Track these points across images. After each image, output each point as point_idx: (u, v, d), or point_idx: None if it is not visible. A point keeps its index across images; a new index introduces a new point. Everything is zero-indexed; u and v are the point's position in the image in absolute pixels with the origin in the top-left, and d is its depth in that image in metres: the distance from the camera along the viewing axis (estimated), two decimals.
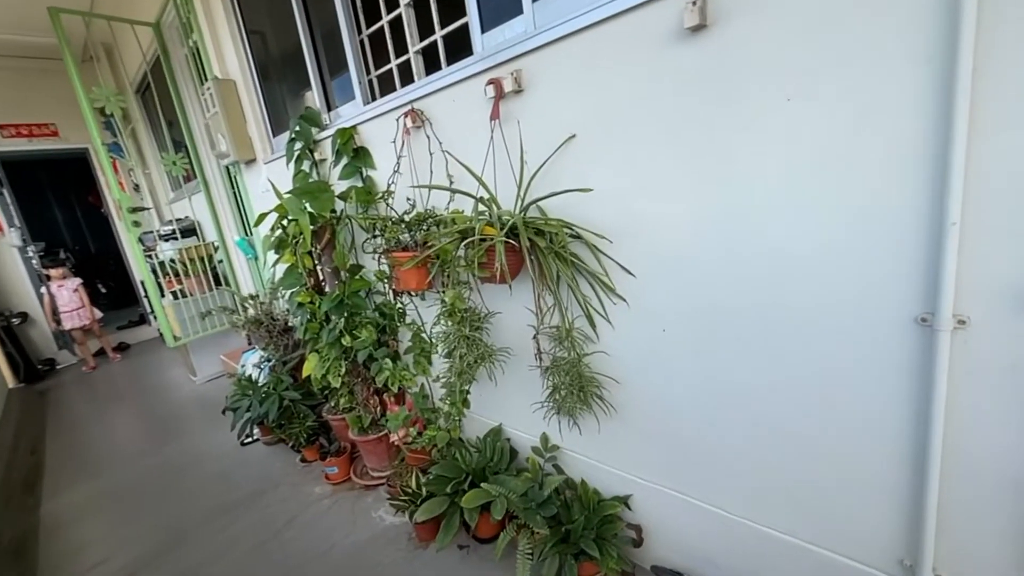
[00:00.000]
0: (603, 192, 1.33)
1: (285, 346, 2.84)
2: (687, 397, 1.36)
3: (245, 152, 3.11)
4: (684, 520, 1.49)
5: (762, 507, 1.30)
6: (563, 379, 1.48)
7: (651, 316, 1.36)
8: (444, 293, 1.49)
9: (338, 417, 2.56)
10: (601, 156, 1.33)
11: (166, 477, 2.82)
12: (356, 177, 2.24)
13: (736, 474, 1.32)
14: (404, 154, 1.88)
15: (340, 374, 2.21)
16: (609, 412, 1.51)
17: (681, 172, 1.18)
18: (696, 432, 1.37)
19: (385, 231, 1.81)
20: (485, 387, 1.97)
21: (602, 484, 1.68)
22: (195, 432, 3.37)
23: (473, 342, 1.50)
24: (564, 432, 1.71)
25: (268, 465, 2.78)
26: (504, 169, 1.55)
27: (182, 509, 2.48)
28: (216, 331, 4.12)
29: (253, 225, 2.24)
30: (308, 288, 2.35)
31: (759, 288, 1.13)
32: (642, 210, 1.29)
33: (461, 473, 1.90)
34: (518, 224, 1.29)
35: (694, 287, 1.24)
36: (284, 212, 2.23)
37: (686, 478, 1.46)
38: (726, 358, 1.24)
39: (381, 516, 2.19)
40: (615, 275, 1.40)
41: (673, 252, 1.26)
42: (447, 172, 1.75)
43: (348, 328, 2.17)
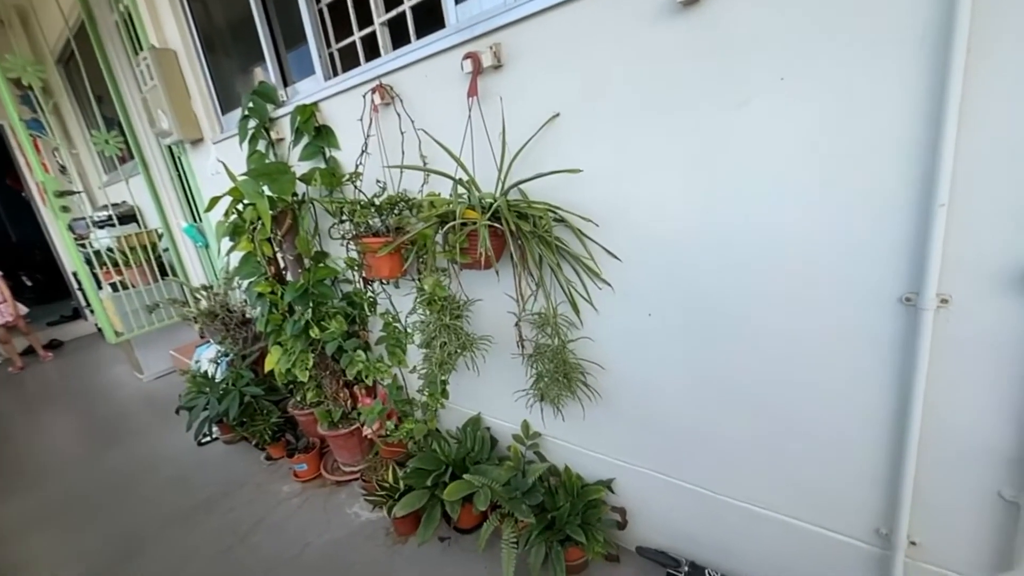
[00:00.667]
0: (588, 174, 1.29)
1: (244, 339, 2.67)
2: (671, 380, 1.36)
3: (190, 131, 2.86)
4: (667, 500, 1.51)
5: (743, 484, 1.33)
6: (547, 366, 1.45)
7: (636, 300, 1.35)
8: (421, 280, 1.42)
9: (305, 412, 2.45)
10: (586, 137, 1.28)
11: (116, 484, 2.62)
12: (318, 158, 2.10)
13: (718, 453, 1.35)
14: (373, 133, 1.76)
15: (307, 367, 2.10)
16: (594, 398, 1.50)
17: (670, 153, 1.16)
18: (679, 414, 1.38)
19: (354, 215, 1.70)
20: (463, 376, 1.92)
21: (585, 469, 1.68)
22: (145, 434, 3.14)
23: (454, 331, 1.44)
24: (547, 419, 1.69)
25: (230, 465, 2.63)
26: (483, 150, 1.48)
27: (136, 517, 2.31)
28: (164, 325, 3.84)
29: (204, 210, 2.06)
30: (269, 277, 2.21)
31: (745, 270, 1.13)
32: (628, 192, 1.26)
33: (440, 465, 1.85)
34: (502, 207, 1.23)
35: (681, 270, 1.23)
36: (239, 196, 2.06)
37: (669, 459, 1.47)
38: (711, 340, 1.24)
39: (356, 512, 2.12)
40: (600, 259, 1.37)
41: (659, 235, 1.24)
42: (420, 152, 1.66)
43: (316, 319, 2.05)
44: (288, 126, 2.23)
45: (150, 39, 2.85)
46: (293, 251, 2.14)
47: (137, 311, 3.68)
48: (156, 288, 3.77)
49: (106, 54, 3.45)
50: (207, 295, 2.65)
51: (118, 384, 4.09)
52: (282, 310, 2.29)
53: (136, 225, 4.11)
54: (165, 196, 3.82)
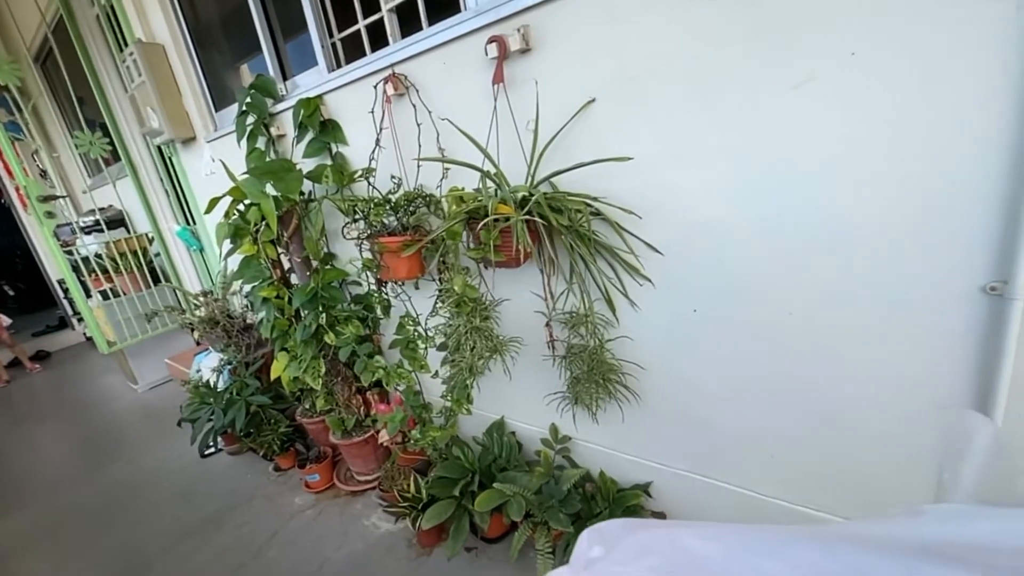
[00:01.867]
0: (624, 164, 1.21)
1: (247, 346, 2.56)
2: (716, 378, 1.30)
3: (182, 129, 2.73)
4: (708, 503, 1.45)
5: (798, 488, 1.27)
6: (582, 368, 1.38)
7: (680, 296, 1.27)
8: (450, 281, 1.33)
9: (315, 420, 2.35)
10: (624, 123, 1.20)
11: (116, 500, 2.50)
12: (324, 155, 1.99)
13: (764, 453, 1.28)
14: (386, 126, 1.66)
15: (320, 374, 2.00)
16: (632, 400, 1.43)
17: (718, 138, 1.08)
18: (724, 414, 1.32)
19: (370, 214, 1.61)
20: (483, 379, 1.83)
21: (618, 473, 1.61)
22: (144, 447, 3.02)
23: (484, 333, 1.36)
24: (578, 422, 1.61)
25: (237, 477, 2.52)
26: (508, 141, 1.39)
27: (140, 535, 2.20)
28: (158, 333, 3.70)
29: (204, 212, 1.95)
30: (274, 281, 2.10)
31: (805, 263, 1.06)
32: (670, 182, 1.18)
33: (465, 472, 1.77)
34: (540, 201, 1.15)
35: (731, 264, 1.16)
36: (241, 196, 1.96)
37: (710, 461, 1.41)
38: (762, 336, 1.18)
39: (375, 523, 2.03)
40: (639, 253, 1.29)
41: (707, 227, 1.16)
42: (438, 145, 1.56)
43: (330, 323, 1.95)
44: (289, 122, 2.11)
45: (136, 33, 2.71)
46: (300, 253, 2.03)
47: (130, 319, 3.54)
48: (149, 295, 3.63)
49: (87, 51, 3.29)
50: (207, 301, 2.53)
51: (112, 395, 3.94)
52: (288, 315, 2.19)
53: (125, 230, 3.95)
54: (155, 199, 3.67)
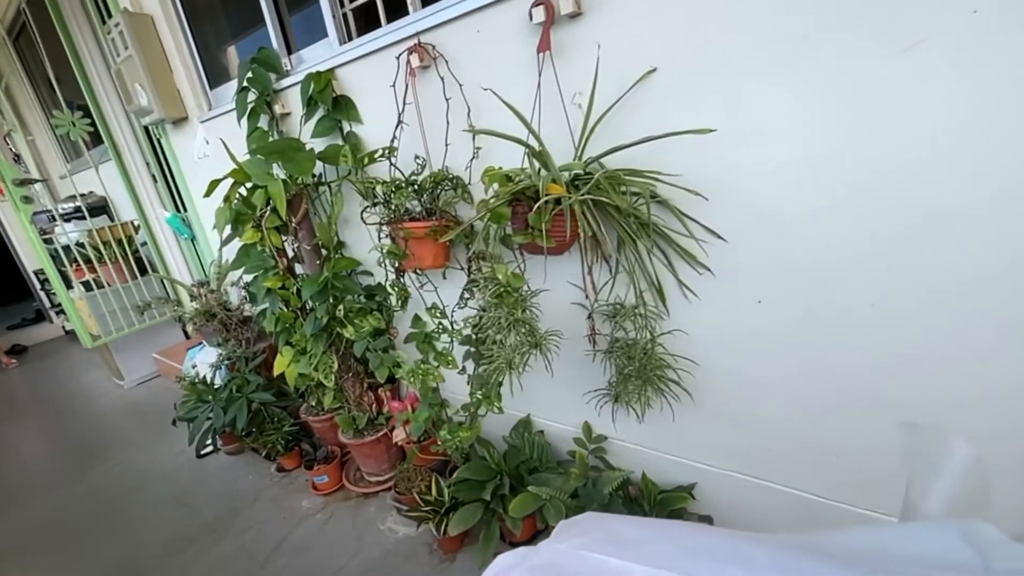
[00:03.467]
0: (687, 139, 1.10)
1: (247, 340, 2.41)
2: (778, 376, 1.21)
3: (173, 108, 2.54)
4: (759, 506, 1.37)
5: (864, 491, 1.19)
6: (630, 363, 1.28)
7: (743, 286, 1.18)
8: (490, 268, 1.22)
9: (322, 419, 2.22)
10: (689, 95, 1.09)
11: (104, 505, 2.34)
12: (335, 134, 1.84)
13: (836, 457, 1.20)
14: (409, 101, 1.53)
15: (332, 370, 1.87)
16: (683, 397, 1.33)
17: (805, 112, 0.98)
18: (787, 413, 1.23)
19: (393, 197, 1.48)
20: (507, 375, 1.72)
21: (659, 474, 1.52)
22: (134, 446, 2.84)
23: (527, 326, 1.25)
24: (613, 421, 1.51)
25: (236, 479, 2.38)
26: (553, 116, 1.27)
27: (134, 543, 2.05)
28: (145, 326, 3.51)
29: (204, 195, 1.79)
30: (280, 271, 1.95)
31: (897, 250, 0.97)
32: (741, 160, 1.08)
33: (491, 474, 1.66)
34: (601, 181, 1.03)
35: (808, 250, 1.06)
36: (244, 178, 1.81)
37: (765, 462, 1.32)
38: (841, 331, 1.08)
39: (390, 528, 1.92)
40: (698, 240, 1.19)
41: (782, 210, 1.06)
42: (469, 122, 1.44)
43: (348, 317, 1.82)
44: (295, 99, 1.96)
45: (120, 2, 2.50)
46: (310, 240, 1.89)
47: (115, 311, 3.34)
48: (135, 286, 3.43)
49: (66, 24, 3.06)
50: (203, 292, 2.37)
51: (96, 392, 3.74)
52: (294, 307, 2.05)
53: (108, 217, 3.73)
54: (140, 184, 3.46)
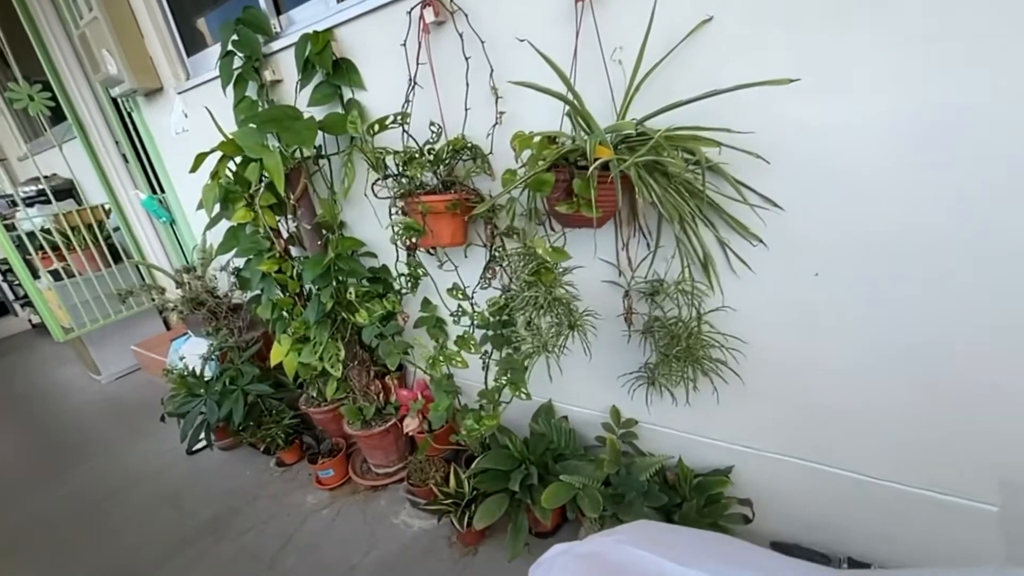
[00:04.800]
0: (743, 97, 1.00)
1: (239, 329, 2.26)
2: (834, 353, 1.14)
3: (146, 78, 2.32)
4: (804, 488, 1.32)
5: (920, 469, 1.14)
6: (674, 344, 1.19)
7: (800, 258, 1.10)
8: (530, 243, 1.10)
9: (325, 410, 2.10)
10: (749, 48, 0.99)
11: (91, 508, 2.18)
12: (335, 102, 1.69)
13: (891, 435, 1.14)
14: (423, 61, 1.39)
15: (339, 359, 1.74)
16: (730, 378, 1.26)
17: (888, 63, 0.88)
18: (840, 392, 1.17)
19: (408, 168, 1.35)
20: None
21: (693, 458, 1.46)
22: (117, 445, 2.67)
23: (565, 305, 1.15)
24: (642, 404, 1.44)
25: (233, 476, 2.25)
26: (591, 74, 1.16)
27: (125, 547, 1.92)
28: (123, 317, 3.30)
29: (190, 170, 1.62)
30: (278, 254, 1.81)
31: (989, 213, 0.89)
32: (805, 119, 0.99)
33: (515, 463, 1.58)
34: (661, 142, 0.93)
35: (877, 219, 0.98)
36: (234, 151, 1.64)
37: (813, 442, 1.27)
38: (909, 303, 1.01)
39: (405, 521, 1.82)
40: (751, 209, 1.10)
41: (847, 175, 0.98)
42: (491, 83, 1.31)
43: (360, 300, 1.68)
44: (287, 63, 1.79)
45: None
46: (310, 219, 1.74)
47: (88, 302, 3.12)
48: (110, 274, 3.20)
49: None
50: (189, 279, 2.19)
51: (71, 388, 3.51)
52: (292, 292, 1.91)
53: (75, 201, 3.47)
54: (110, 164, 3.21)
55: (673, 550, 0.63)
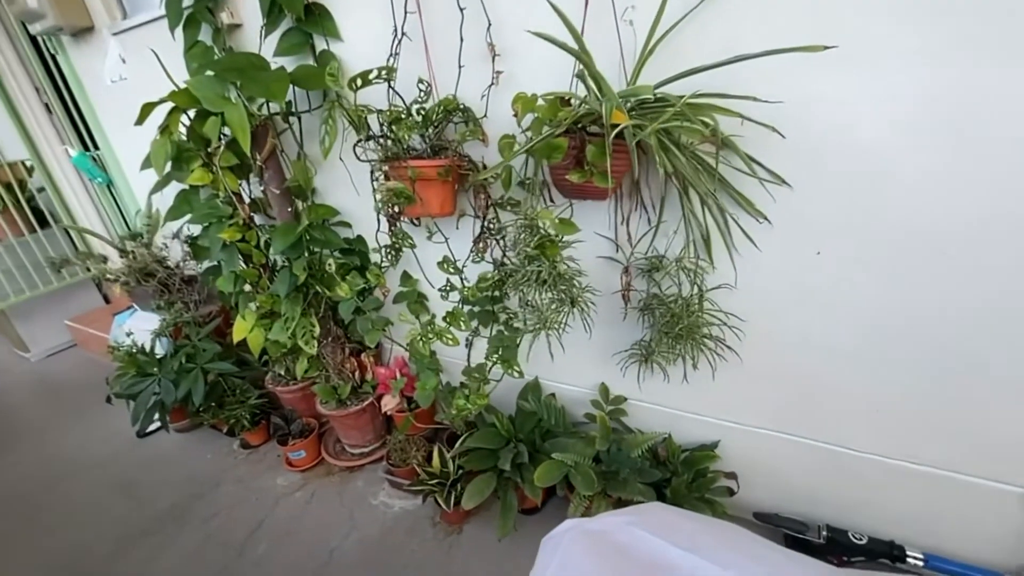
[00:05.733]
0: (757, 67, 0.95)
1: (194, 303, 2.07)
2: (826, 329, 1.16)
3: (74, 14, 2.01)
4: (786, 460, 1.36)
5: (901, 441, 1.19)
6: (674, 322, 1.17)
7: (803, 236, 1.09)
8: (534, 215, 1.03)
9: (293, 389, 1.98)
10: (772, 11, 0.94)
11: (26, 501, 1.98)
12: (305, 53, 1.52)
13: (876, 411, 1.19)
14: (412, 10, 1.25)
15: (313, 336, 1.63)
16: (726, 355, 1.26)
17: (920, 36, 0.86)
18: (829, 367, 1.19)
19: (396, 129, 1.23)
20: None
21: (680, 433, 1.48)
22: (54, 429, 2.44)
23: (568, 281, 1.09)
24: (641, 381, 1.43)
25: (192, 459, 2.10)
26: (600, 34, 1.07)
27: (73, 541, 1.76)
28: (54, 288, 2.98)
29: (136, 122, 1.42)
30: (243, 221, 1.64)
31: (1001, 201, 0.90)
32: (824, 93, 0.96)
33: (502, 441, 1.54)
34: (685, 110, 0.87)
35: (885, 200, 0.98)
36: (188, 103, 1.46)
37: (798, 417, 1.30)
38: (908, 280, 1.03)
39: (384, 502, 1.77)
40: (758, 186, 1.08)
41: (865, 152, 0.97)
42: (488, 39, 1.20)
43: (340, 273, 1.56)
44: (247, 6, 1.59)
45: None
46: (279, 183, 1.59)
47: (10, 271, 2.79)
48: (35, 240, 2.86)
49: None
50: (135, 247, 1.97)
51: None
52: (258, 263, 1.76)
53: None
54: (30, 115, 2.82)
55: (681, 536, 0.65)
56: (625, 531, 0.67)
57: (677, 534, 0.66)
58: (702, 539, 0.66)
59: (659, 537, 0.64)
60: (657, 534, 0.65)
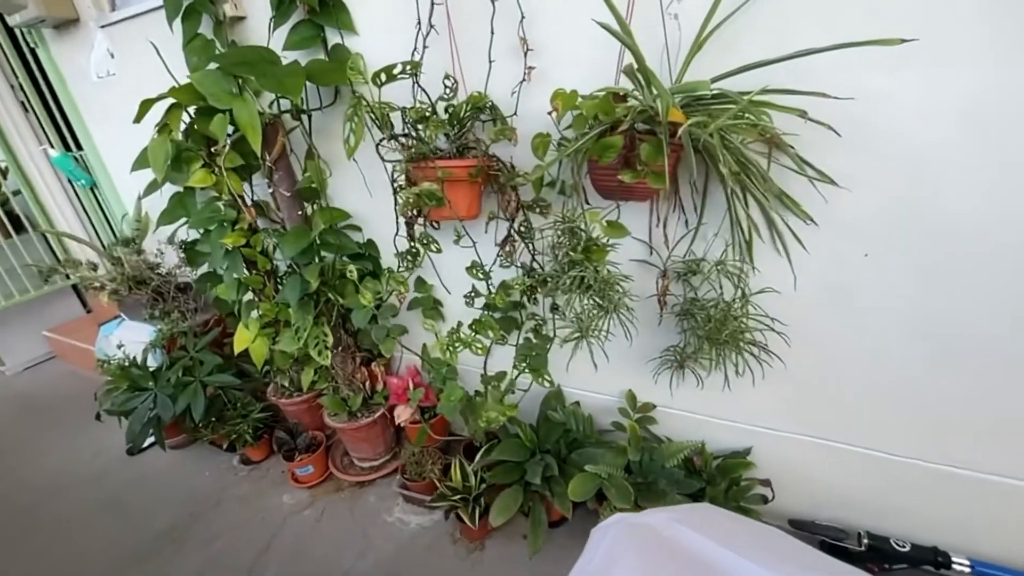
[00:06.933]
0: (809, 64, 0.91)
1: (191, 312, 1.96)
2: (874, 334, 1.13)
3: (57, 4, 1.89)
4: (822, 466, 1.33)
5: (946, 446, 1.17)
6: (717, 327, 1.13)
7: (851, 238, 1.06)
8: (580, 217, 0.98)
9: (298, 401, 1.89)
10: (828, 4, 0.91)
11: (9, 522, 1.85)
12: (317, 47, 1.44)
13: (919, 415, 1.16)
14: (440, 1, 1.19)
15: (327, 346, 1.54)
16: (764, 360, 1.22)
17: (985, 29, 0.83)
18: (873, 372, 1.17)
19: (424, 127, 1.17)
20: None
21: (711, 440, 1.44)
22: (35, 447, 2.29)
23: (612, 286, 1.04)
24: (673, 388, 1.39)
25: (189, 477, 1.99)
26: (644, 29, 1.03)
27: (62, 567, 1.64)
28: (29, 297, 2.81)
29: (135, 120, 1.33)
30: (248, 224, 1.55)
31: None
32: (880, 89, 0.93)
33: (527, 452, 1.49)
34: (749, 108, 0.82)
35: (947, 199, 0.95)
36: (190, 100, 1.37)
37: (836, 422, 1.27)
38: (960, 286, 1.01)
39: (400, 519, 1.69)
40: (805, 186, 1.04)
41: (920, 151, 0.94)
42: (520, 33, 1.15)
43: (362, 280, 1.48)
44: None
45: None
46: (289, 185, 1.50)
47: None
48: (11, 246, 2.69)
49: None
50: (127, 254, 1.86)
51: None
52: (263, 269, 1.67)
53: None
54: (4, 113, 2.66)
55: (725, 535, 0.65)
56: (671, 527, 0.68)
57: (723, 534, 0.66)
58: (747, 541, 0.66)
59: (705, 536, 0.64)
60: (704, 533, 0.65)
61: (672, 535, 0.66)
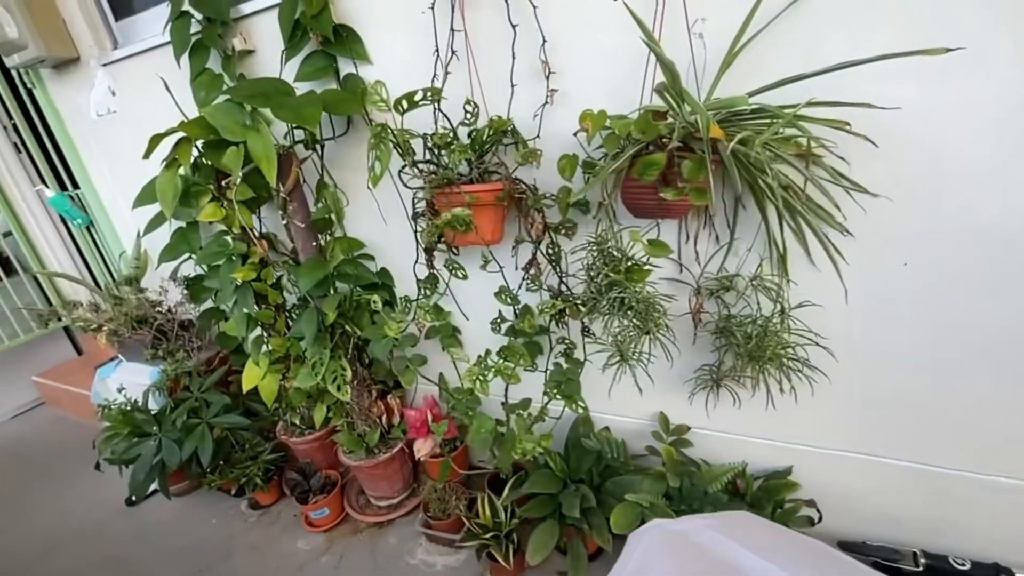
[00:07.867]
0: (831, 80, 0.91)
1: (196, 349, 1.89)
2: (917, 345, 1.11)
3: (58, 44, 1.87)
4: (868, 483, 1.29)
5: (995, 457, 1.14)
6: (758, 345, 1.10)
7: (889, 249, 1.05)
8: (616, 237, 0.95)
9: (311, 439, 1.81)
10: (860, 14, 0.91)
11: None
12: (329, 78, 1.43)
13: (963, 425, 1.13)
14: (459, 27, 1.19)
15: (345, 380, 1.48)
16: (805, 376, 1.19)
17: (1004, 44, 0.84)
18: (921, 385, 1.14)
19: (447, 153, 1.15)
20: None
21: (750, 460, 1.39)
22: (27, 500, 2.16)
23: (653, 307, 1.01)
24: (710, 408, 1.35)
25: (194, 526, 1.87)
26: (669, 46, 1.03)
27: None
28: (18, 342, 2.70)
29: (144, 155, 1.29)
30: (261, 258, 1.50)
31: None
32: (913, 100, 0.93)
33: (559, 483, 1.42)
34: (793, 121, 0.82)
35: (983, 208, 0.95)
36: (201, 133, 1.34)
37: (883, 438, 1.24)
38: (1002, 291, 1.00)
39: (424, 560, 1.60)
40: (841, 197, 1.03)
41: (953, 162, 0.94)
42: (542, 56, 1.14)
43: (370, 311, 1.43)
44: (263, 30, 1.51)
45: None
46: (304, 216, 1.47)
47: None
48: (2, 291, 2.60)
49: None
50: (130, 293, 1.79)
51: None
52: (274, 303, 1.62)
53: None
54: None
55: (757, 543, 0.65)
56: (704, 533, 0.68)
57: (756, 541, 0.66)
58: (789, 553, 0.65)
59: (737, 542, 0.64)
60: (736, 539, 0.65)
61: (703, 541, 0.67)
